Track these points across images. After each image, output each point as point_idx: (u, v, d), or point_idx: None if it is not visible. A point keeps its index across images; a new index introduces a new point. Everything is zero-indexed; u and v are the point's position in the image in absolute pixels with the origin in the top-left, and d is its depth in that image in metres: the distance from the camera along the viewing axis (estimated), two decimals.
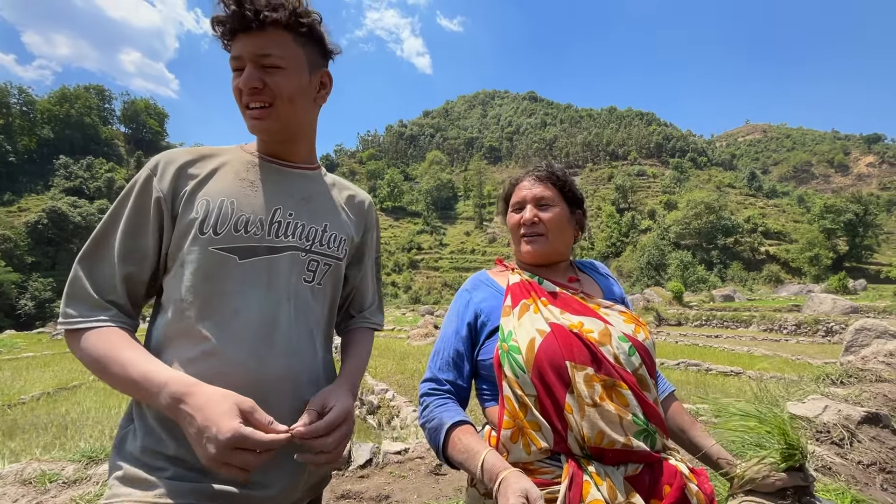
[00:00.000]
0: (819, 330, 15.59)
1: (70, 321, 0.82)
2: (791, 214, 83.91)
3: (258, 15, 0.84)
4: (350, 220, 1.09)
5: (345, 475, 3.11)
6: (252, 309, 0.88)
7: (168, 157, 0.91)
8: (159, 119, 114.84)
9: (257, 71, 0.88)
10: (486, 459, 0.89)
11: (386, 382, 7.16)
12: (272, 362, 0.88)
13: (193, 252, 0.86)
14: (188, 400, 0.75)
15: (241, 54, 0.88)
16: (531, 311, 1.04)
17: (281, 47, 0.88)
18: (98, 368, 0.81)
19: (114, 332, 0.83)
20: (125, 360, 0.79)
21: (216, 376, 0.82)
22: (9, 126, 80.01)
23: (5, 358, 12.31)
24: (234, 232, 0.88)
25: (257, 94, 0.89)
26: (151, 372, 0.78)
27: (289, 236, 0.95)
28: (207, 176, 0.91)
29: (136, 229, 0.86)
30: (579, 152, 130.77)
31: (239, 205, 0.90)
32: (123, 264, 0.85)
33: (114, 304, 0.85)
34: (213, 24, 0.89)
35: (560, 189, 1.17)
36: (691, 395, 6.50)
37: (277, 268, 0.92)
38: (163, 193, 0.87)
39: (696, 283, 44.70)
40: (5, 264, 46.67)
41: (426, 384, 1.10)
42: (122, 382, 0.79)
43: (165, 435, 0.82)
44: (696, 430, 1.12)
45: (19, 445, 4.90)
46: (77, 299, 0.83)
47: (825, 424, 2.12)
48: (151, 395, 0.77)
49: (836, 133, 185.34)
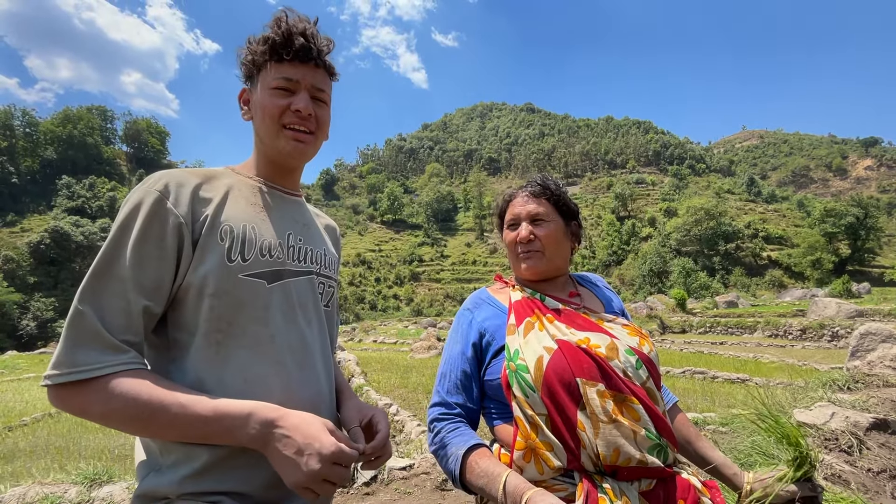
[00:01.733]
0: (825, 335, 15.47)
1: (87, 368, 0.70)
2: (791, 219, 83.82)
3: (319, 53, 0.94)
4: (332, 246, 1.14)
5: (350, 492, 3.08)
6: (284, 333, 0.89)
7: (176, 179, 0.84)
8: (161, 138, 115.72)
9: (310, 100, 0.94)
10: (509, 481, 0.88)
11: (390, 397, 7.09)
12: (307, 384, 0.91)
13: (221, 280, 0.82)
14: (282, 423, 0.75)
15: (299, 80, 0.93)
16: (536, 329, 1.03)
17: (328, 86, 0.99)
18: (142, 415, 0.72)
19: (145, 374, 0.75)
20: (184, 400, 0.73)
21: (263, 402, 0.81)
22: (12, 148, 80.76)
23: (7, 379, 12.25)
24: (260, 257, 0.88)
25: (307, 120, 0.94)
26: (228, 405, 0.75)
27: (303, 260, 0.98)
28: (223, 200, 0.88)
29: (151, 257, 0.78)
30: (578, 162, 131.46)
31: (259, 230, 0.90)
32: (140, 297, 0.76)
33: (129, 343, 0.76)
34: (263, 41, 0.91)
35: (554, 204, 1.17)
36: (698, 402, 6.44)
37: (300, 291, 0.95)
38: (183, 218, 0.81)
39: (699, 289, 44.47)
40: (7, 284, 46.64)
41: (435, 409, 1.08)
42: (180, 426, 0.73)
43: (211, 470, 0.79)
44: (703, 442, 1.12)
45: (21, 468, 4.85)
46: (86, 342, 0.71)
47: (833, 432, 2.10)
48: (232, 429, 0.74)
49: (834, 137, 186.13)
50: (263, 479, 0.82)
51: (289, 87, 0.92)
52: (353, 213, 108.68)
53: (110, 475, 3.10)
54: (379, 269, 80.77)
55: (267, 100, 0.92)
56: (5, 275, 48.90)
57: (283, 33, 0.90)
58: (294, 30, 0.90)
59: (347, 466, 0.77)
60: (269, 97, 0.92)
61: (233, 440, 0.76)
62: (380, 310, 65.75)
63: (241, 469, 0.80)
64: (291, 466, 0.74)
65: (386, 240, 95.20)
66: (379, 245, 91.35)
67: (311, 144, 0.97)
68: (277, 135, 0.93)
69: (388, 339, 18.61)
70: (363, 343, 18.35)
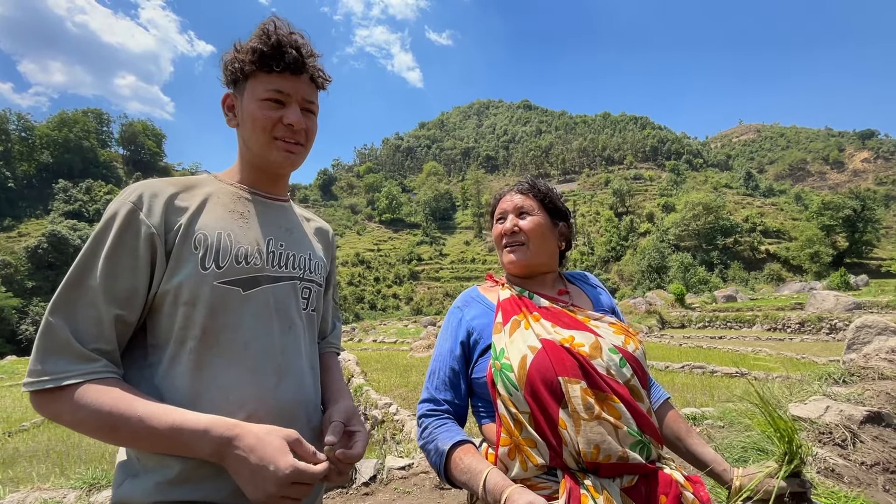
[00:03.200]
0: (823, 327, 15.52)
1: (54, 377, 0.72)
2: (789, 212, 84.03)
3: (305, 62, 0.93)
4: (321, 250, 1.13)
5: (349, 492, 3.09)
6: (261, 339, 0.89)
7: (151, 189, 0.85)
8: (157, 140, 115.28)
9: (300, 112, 0.95)
10: (489, 478, 0.90)
11: (389, 396, 7.10)
12: (286, 391, 0.91)
13: (195, 288, 0.83)
14: (237, 443, 0.75)
15: (290, 93, 0.93)
16: (522, 328, 1.04)
17: (315, 97, 0.99)
18: (105, 426, 0.73)
19: (112, 383, 0.76)
20: (143, 412, 0.74)
21: (237, 410, 0.82)
22: (8, 152, 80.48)
23: (6, 384, 12.24)
24: (235, 264, 0.88)
25: (298, 133, 0.96)
26: (183, 420, 0.75)
27: (284, 266, 0.97)
28: (198, 209, 0.88)
29: (124, 268, 0.79)
30: (575, 158, 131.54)
31: (236, 237, 0.90)
32: (112, 307, 0.77)
33: (100, 352, 0.77)
34: (251, 52, 0.90)
35: (541, 201, 1.20)
36: (697, 397, 6.46)
37: (279, 297, 0.94)
38: (155, 229, 0.81)
39: (698, 284, 44.55)
40: (6, 290, 46.53)
41: (424, 405, 1.10)
42: (142, 438, 0.74)
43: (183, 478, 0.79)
44: (693, 438, 1.12)
45: (21, 473, 4.86)
46: (55, 352, 0.73)
47: (827, 425, 2.11)
48: (188, 445, 0.74)
49: (830, 130, 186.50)
50: (233, 488, 0.81)
51: (280, 98, 0.93)
52: (351, 213, 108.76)
53: (109, 480, 3.10)
54: (378, 268, 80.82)
55: (257, 111, 0.91)
56: (3, 280, 48.78)
57: (273, 44, 0.89)
58: (284, 41, 0.90)
59: (310, 484, 0.77)
60: (259, 108, 0.92)
61: (191, 454, 0.76)
62: (379, 309, 65.84)
63: (211, 479, 0.80)
64: (248, 485, 0.75)
65: (384, 239, 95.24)
66: (378, 245, 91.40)
67: (301, 155, 0.98)
68: (268, 146, 0.94)
69: (388, 339, 18.62)
70: (363, 343, 18.36)
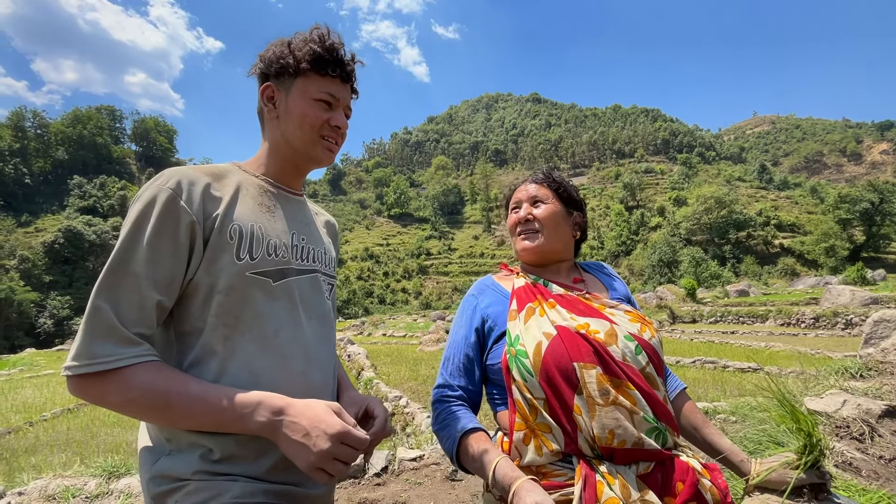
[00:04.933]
0: (838, 323, 15.26)
1: (104, 360, 0.74)
2: (804, 206, 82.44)
3: (352, 73, 1.03)
4: (331, 244, 1.18)
5: (361, 483, 3.12)
6: (289, 328, 0.93)
7: (188, 177, 0.87)
8: (168, 136, 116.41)
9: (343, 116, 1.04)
10: (498, 467, 0.90)
11: (399, 389, 7.16)
12: (312, 377, 0.95)
13: (229, 277, 0.86)
14: (289, 410, 0.80)
15: (339, 98, 1.01)
16: (537, 315, 1.05)
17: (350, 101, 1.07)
18: (158, 405, 0.77)
19: (160, 366, 0.79)
20: (196, 389, 0.78)
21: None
22: (24, 149, 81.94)
23: (27, 376, 12.53)
24: (266, 256, 0.91)
25: (341, 135, 1.04)
26: (236, 395, 0.79)
27: (306, 259, 1.02)
28: (232, 199, 0.91)
29: (165, 254, 0.81)
30: (585, 152, 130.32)
31: (265, 230, 0.94)
32: (153, 292, 0.79)
33: (142, 336, 0.79)
34: (313, 54, 0.95)
35: (555, 190, 1.22)
36: (709, 392, 6.41)
37: (303, 288, 0.99)
38: (195, 217, 0.84)
39: (710, 279, 43.98)
40: (24, 284, 47.63)
41: (438, 390, 1.12)
42: (197, 414, 0.78)
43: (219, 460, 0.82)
44: (710, 428, 1.12)
45: (42, 461, 4.99)
46: (102, 336, 0.75)
47: (845, 419, 2.08)
48: (243, 417, 0.78)
49: (848, 121, 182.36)
50: (268, 467, 0.85)
51: (331, 101, 0.99)
52: (360, 208, 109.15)
53: (128, 468, 3.17)
54: (387, 263, 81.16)
55: (310, 109, 0.98)
56: (21, 274, 49.91)
57: (329, 49, 0.96)
58: (338, 49, 0.98)
59: (355, 447, 0.80)
60: (311, 107, 0.98)
61: (244, 428, 0.80)
62: (388, 303, 66.12)
63: (247, 460, 0.84)
64: (302, 449, 0.78)
65: (393, 234, 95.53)
66: (386, 239, 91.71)
67: (336, 153, 1.06)
68: (314, 143, 1.00)
69: (397, 333, 18.72)
70: (372, 336, 18.49)
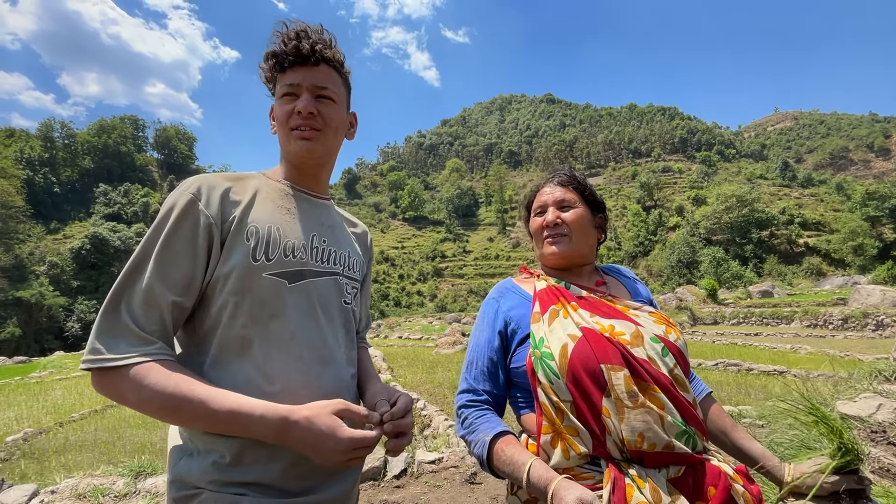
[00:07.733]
0: (868, 324, 14.74)
1: (114, 357, 0.75)
2: (830, 203, 79.77)
3: (314, 50, 0.95)
4: (360, 249, 1.17)
5: (381, 485, 3.13)
6: (305, 329, 0.93)
7: (209, 182, 0.90)
8: (189, 144, 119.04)
9: (313, 100, 0.97)
10: (532, 470, 0.89)
11: (416, 392, 7.17)
12: (328, 379, 0.95)
13: (245, 278, 0.86)
14: (293, 427, 0.79)
15: (299, 83, 0.96)
16: (561, 317, 1.03)
17: (333, 83, 1.00)
18: (168, 406, 0.76)
19: (171, 366, 0.79)
20: (204, 395, 0.77)
21: (284, 397, 0.84)
22: (53, 159, 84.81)
23: (56, 378, 12.94)
24: (283, 257, 0.92)
25: (311, 119, 0.97)
26: (241, 405, 0.78)
27: (326, 261, 1.01)
28: (250, 202, 0.93)
29: (181, 255, 0.83)
30: (601, 152, 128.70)
31: (283, 231, 0.94)
32: (169, 292, 0.81)
33: (157, 335, 0.80)
34: (267, 58, 0.97)
35: (581, 193, 1.20)
36: (732, 396, 6.25)
37: (322, 291, 0.98)
38: (213, 219, 0.86)
39: (731, 279, 42.93)
40: (53, 289, 49.31)
41: (463, 395, 1.11)
42: (202, 419, 0.78)
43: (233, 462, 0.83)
44: (739, 432, 1.09)
45: (71, 461, 5.15)
46: (116, 334, 0.77)
47: (880, 424, 2.00)
48: (247, 427, 0.78)
49: (875, 115, 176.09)
50: (281, 471, 0.86)
51: (293, 91, 0.97)
52: (375, 211, 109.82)
53: (154, 468, 3.25)
54: (402, 265, 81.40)
55: (278, 109, 0.99)
56: (51, 280, 51.66)
57: (284, 43, 0.95)
58: (288, 36, 0.95)
59: (369, 447, 0.82)
60: (279, 106, 0.98)
61: (250, 435, 0.80)
62: (404, 306, 66.32)
63: (259, 463, 0.84)
64: (315, 455, 0.80)
65: (408, 237, 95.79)
66: (401, 242, 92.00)
67: (318, 141, 0.99)
68: (288, 139, 0.99)
69: (413, 335, 18.77)
70: (389, 339, 18.57)
